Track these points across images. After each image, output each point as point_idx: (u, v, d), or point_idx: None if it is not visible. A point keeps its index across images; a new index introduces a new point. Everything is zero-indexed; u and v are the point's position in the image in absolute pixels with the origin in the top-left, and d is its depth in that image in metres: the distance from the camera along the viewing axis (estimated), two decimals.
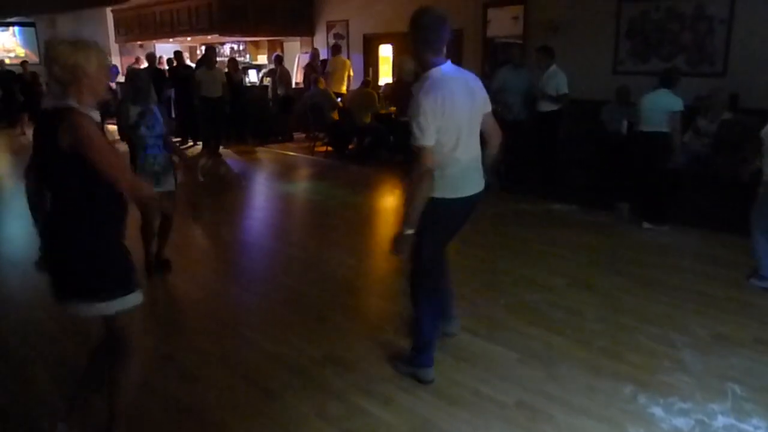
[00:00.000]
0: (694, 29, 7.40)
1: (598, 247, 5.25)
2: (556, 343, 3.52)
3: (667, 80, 5.64)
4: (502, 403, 2.93)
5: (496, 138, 3.07)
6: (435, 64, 2.81)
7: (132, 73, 4.70)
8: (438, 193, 2.85)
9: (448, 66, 2.84)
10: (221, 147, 10.27)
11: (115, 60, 15.25)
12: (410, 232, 2.82)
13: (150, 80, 4.52)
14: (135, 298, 2.38)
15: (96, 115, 2.30)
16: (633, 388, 3.04)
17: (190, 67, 11.80)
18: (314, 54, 11.58)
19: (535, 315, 3.89)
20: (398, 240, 2.86)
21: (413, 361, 3.16)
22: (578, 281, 4.46)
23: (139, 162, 4.27)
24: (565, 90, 7.10)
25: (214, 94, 9.79)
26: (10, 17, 15.45)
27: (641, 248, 5.22)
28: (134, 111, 4.27)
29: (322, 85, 10.38)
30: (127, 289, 2.35)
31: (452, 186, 2.88)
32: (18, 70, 14.02)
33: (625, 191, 6.12)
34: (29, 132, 11.39)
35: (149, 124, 4.26)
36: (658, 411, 2.85)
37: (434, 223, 2.93)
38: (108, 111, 12.47)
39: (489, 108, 3.01)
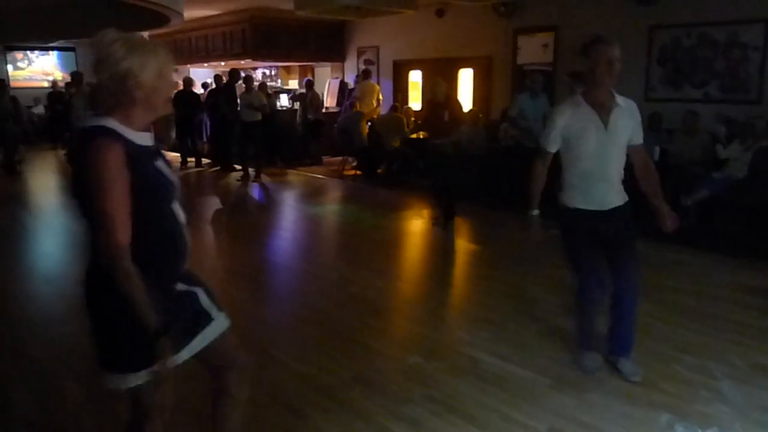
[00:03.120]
0: (728, 56, 7.34)
1: None
2: None
3: None
4: (534, 429, 2.87)
5: None
6: None
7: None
8: None
9: None
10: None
11: None
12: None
13: None
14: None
15: (145, 139, 1.84)
16: (670, 417, 2.95)
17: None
18: (342, 85, 11.89)
19: (566, 341, 3.81)
20: None
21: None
22: None
23: None
24: None
25: (253, 117, 9.90)
26: (51, 42, 15.94)
27: (675, 276, 5.11)
28: None
29: (356, 108, 10.52)
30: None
31: None
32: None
33: None
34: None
35: None
36: None
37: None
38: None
39: None
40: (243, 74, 10.80)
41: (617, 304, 3.30)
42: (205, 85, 13.66)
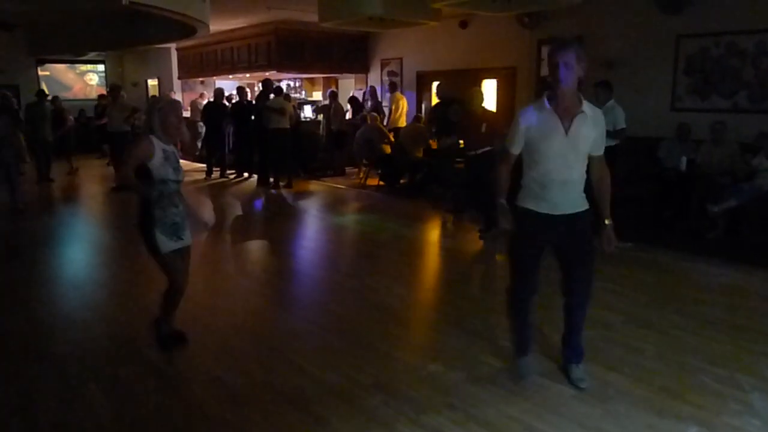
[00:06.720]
0: (756, 65, 7.22)
1: (656, 285, 5.07)
2: (613, 380, 3.38)
3: None
4: None
5: None
6: None
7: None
8: None
9: None
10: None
11: (178, 96, 15.87)
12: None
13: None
14: None
15: None
16: (698, 429, 2.87)
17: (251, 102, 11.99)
18: (365, 97, 12.06)
19: (591, 351, 3.73)
20: None
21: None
22: (636, 318, 4.30)
23: (158, 213, 3.45)
24: (623, 125, 6.98)
25: (285, 125, 10.19)
26: (83, 55, 16.32)
27: (703, 287, 5.01)
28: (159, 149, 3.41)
29: (376, 120, 10.56)
30: None
31: None
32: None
33: None
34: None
35: (175, 165, 3.52)
36: None
37: None
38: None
39: None
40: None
41: (569, 314, 3.41)
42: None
